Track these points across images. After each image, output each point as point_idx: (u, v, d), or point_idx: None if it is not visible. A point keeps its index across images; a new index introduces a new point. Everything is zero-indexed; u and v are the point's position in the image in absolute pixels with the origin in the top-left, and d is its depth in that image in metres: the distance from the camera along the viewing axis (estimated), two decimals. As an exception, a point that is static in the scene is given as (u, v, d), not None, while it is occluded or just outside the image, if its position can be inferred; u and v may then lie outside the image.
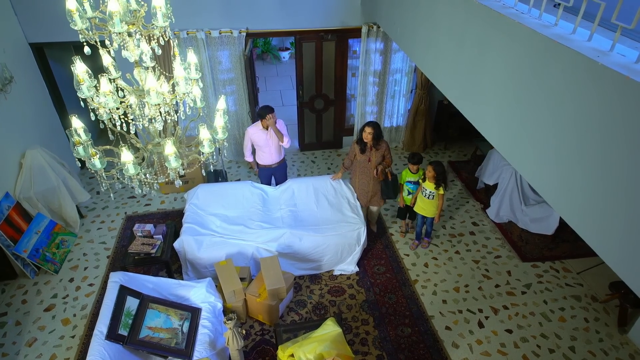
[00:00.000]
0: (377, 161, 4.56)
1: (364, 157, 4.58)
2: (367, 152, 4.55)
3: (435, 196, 4.53)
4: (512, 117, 2.39)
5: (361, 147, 4.54)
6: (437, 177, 4.39)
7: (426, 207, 4.67)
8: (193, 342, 3.45)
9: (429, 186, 4.51)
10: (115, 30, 2.01)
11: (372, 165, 4.58)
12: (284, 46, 10.26)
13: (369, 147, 4.52)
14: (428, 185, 4.52)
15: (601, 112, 1.74)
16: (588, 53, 1.78)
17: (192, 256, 4.31)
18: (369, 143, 4.48)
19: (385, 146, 4.57)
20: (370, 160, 4.57)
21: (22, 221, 4.59)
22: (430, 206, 4.63)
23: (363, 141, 4.50)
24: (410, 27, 3.98)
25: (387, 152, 4.61)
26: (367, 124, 4.46)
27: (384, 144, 4.56)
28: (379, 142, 4.52)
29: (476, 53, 2.71)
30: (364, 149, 4.54)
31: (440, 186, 4.46)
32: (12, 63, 4.81)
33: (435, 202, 4.58)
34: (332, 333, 3.47)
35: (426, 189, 4.55)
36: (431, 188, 4.50)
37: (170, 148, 2.21)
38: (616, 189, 1.73)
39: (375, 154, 4.54)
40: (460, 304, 4.36)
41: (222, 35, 5.42)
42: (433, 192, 4.51)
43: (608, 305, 4.31)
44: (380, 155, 4.56)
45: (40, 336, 4.03)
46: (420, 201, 4.70)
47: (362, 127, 4.47)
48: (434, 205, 4.61)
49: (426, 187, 4.55)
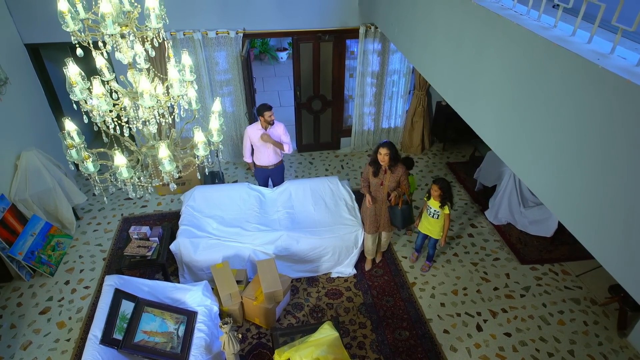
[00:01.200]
0: (390, 186, 4.13)
1: (377, 181, 4.17)
2: (381, 175, 4.13)
3: (441, 215, 4.21)
4: (510, 120, 2.37)
5: (375, 169, 4.13)
6: (442, 195, 4.07)
7: (431, 227, 4.34)
8: (189, 346, 3.42)
9: (433, 204, 4.20)
10: (107, 32, 1.97)
11: (385, 189, 4.16)
12: (281, 46, 10.23)
13: (383, 170, 4.11)
14: (433, 204, 4.20)
15: (601, 116, 1.71)
16: (588, 56, 1.75)
17: (188, 259, 4.27)
18: (384, 165, 4.08)
19: (401, 171, 4.11)
20: (382, 184, 4.15)
21: (17, 223, 4.55)
22: (435, 226, 4.30)
23: (377, 163, 4.10)
24: (407, 28, 3.95)
25: (404, 178, 4.13)
26: (382, 144, 4.03)
27: (400, 168, 4.10)
28: (396, 164, 4.09)
29: (474, 55, 2.68)
30: (377, 172, 4.14)
31: (446, 205, 4.13)
32: (7, 64, 4.77)
33: (441, 222, 4.25)
34: (329, 337, 3.43)
35: (431, 207, 4.23)
36: (436, 207, 4.18)
37: (164, 151, 2.18)
38: (615, 193, 1.70)
39: (389, 177, 4.10)
40: (458, 307, 4.33)
41: (218, 36, 5.38)
42: (438, 212, 4.19)
43: (607, 309, 4.29)
44: (395, 180, 4.11)
45: (35, 339, 4.00)
46: (424, 220, 4.37)
47: (377, 148, 4.06)
48: (439, 225, 4.28)
49: (431, 206, 4.23)
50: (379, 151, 4.02)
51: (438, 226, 4.28)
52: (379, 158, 4.04)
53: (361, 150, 6.83)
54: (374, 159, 4.10)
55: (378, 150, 4.04)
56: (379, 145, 4.06)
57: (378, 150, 4.04)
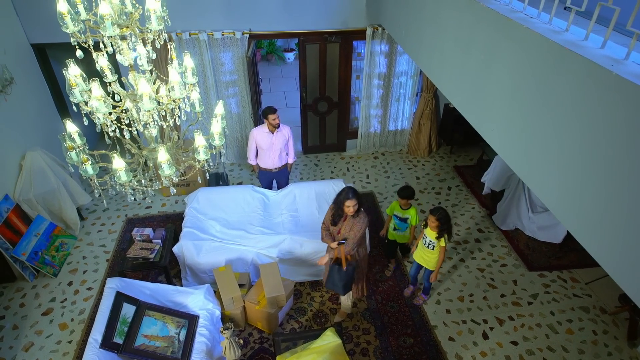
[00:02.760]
0: (344, 235, 3.58)
1: (335, 229, 3.64)
2: (340, 224, 3.61)
3: (436, 247, 3.84)
4: (518, 125, 2.29)
5: (335, 218, 3.60)
6: (440, 227, 3.70)
7: (426, 257, 3.98)
8: (190, 351, 3.38)
9: (430, 234, 3.82)
10: (106, 34, 1.94)
11: (340, 238, 3.62)
12: (289, 47, 10.19)
13: (344, 218, 3.58)
14: (429, 234, 3.83)
15: (614, 124, 1.64)
16: (601, 61, 1.68)
17: (191, 261, 4.24)
18: (347, 214, 3.54)
19: (361, 219, 3.51)
20: (340, 232, 3.61)
21: (21, 223, 4.55)
22: (430, 257, 3.94)
23: (340, 211, 3.54)
24: (415, 29, 3.89)
25: (358, 227, 3.49)
26: (347, 194, 3.44)
27: (362, 216, 3.53)
28: (359, 213, 3.54)
29: (483, 58, 2.61)
30: (337, 221, 3.60)
31: (443, 237, 3.77)
32: (13, 64, 4.77)
33: (436, 253, 3.88)
34: (332, 344, 3.38)
35: (427, 237, 3.87)
36: (432, 237, 3.81)
37: (163, 155, 2.14)
38: (627, 204, 1.63)
39: (347, 225, 3.56)
40: (464, 314, 4.25)
41: (224, 36, 5.35)
42: (434, 242, 3.83)
43: (617, 318, 4.18)
44: (350, 227, 3.54)
45: (37, 341, 3.99)
46: (420, 249, 4.01)
47: (343, 199, 3.46)
48: (435, 257, 3.92)
49: (427, 235, 3.86)
50: (346, 204, 3.44)
51: (434, 257, 3.93)
52: (345, 210, 3.48)
53: (367, 152, 6.77)
54: (339, 208, 3.54)
55: (344, 201, 3.45)
56: (344, 196, 3.46)
57: (344, 201, 3.45)
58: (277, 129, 4.65)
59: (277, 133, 4.67)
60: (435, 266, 3.95)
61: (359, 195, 3.50)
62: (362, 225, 3.51)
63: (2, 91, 4.54)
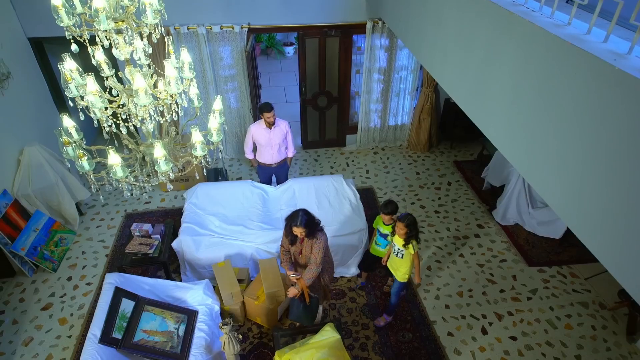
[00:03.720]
0: (307, 256, 3.45)
1: (295, 249, 3.51)
2: (298, 244, 3.47)
3: (405, 254, 3.63)
4: (519, 121, 2.27)
5: (291, 238, 3.44)
6: (408, 233, 3.51)
7: (395, 266, 3.77)
8: (189, 346, 3.38)
9: (397, 242, 3.63)
10: (101, 28, 1.91)
11: (303, 259, 3.50)
12: (288, 41, 10.13)
13: (300, 240, 3.44)
14: (397, 241, 3.64)
15: (616, 119, 1.62)
16: (604, 56, 1.65)
17: (190, 256, 4.23)
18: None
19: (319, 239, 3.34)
20: (302, 253, 3.48)
21: (20, 219, 4.54)
22: (400, 266, 3.70)
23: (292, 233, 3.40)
24: (415, 23, 3.85)
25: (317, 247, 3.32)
26: (296, 220, 3.25)
27: (319, 235, 3.36)
28: (314, 234, 3.36)
29: (484, 53, 2.58)
30: (294, 241, 3.46)
31: (410, 243, 3.55)
32: (9, 58, 4.74)
33: (405, 262, 3.67)
34: (331, 339, 3.38)
35: (395, 244, 3.68)
36: (400, 245, 3.61)
37: (159, 151, 2.11)
38: (628, 201, 1.61)
39: (306, 246, 3.43)
40: (463, 309, 4.25)
41: (223, 30, 5.31)
42: (402, 250, 3.61)
43: (617, 313, 4.18)
44: (309, 247, 3.41)
45: (37, 335, 3.99)
46: (391, 258, 3.83)
47: (291, 224, 3.30)
48: (404, 267, 3.68)
49: (395, 243, 3.68)
50: (294, 230, 3.30)
51: (403, 267, 3.69)
52: (294, 232, 3.34)
53: (367, 147, 6.74)
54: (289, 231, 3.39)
55: (292, 227, 3.31)
56: (293, 221, 3.29)
57: (292, 227, 3.31)
58: (273, 125, 4.61)
59: (275, 128, 4.64)
60: (404, 277, 3.74)
61: (310, 222, 3.29)
62: (321, 244, 3.34)
63: (-1, 85, 4.51)
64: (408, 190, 5.86)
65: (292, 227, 3.29)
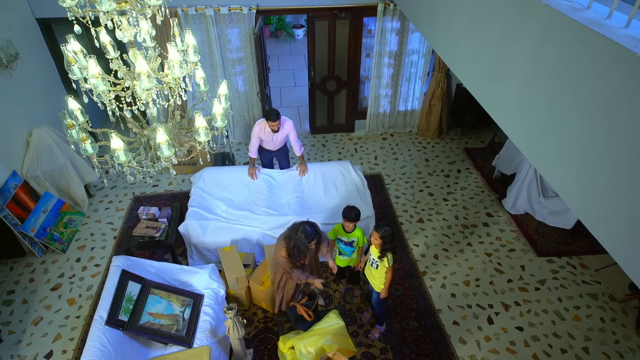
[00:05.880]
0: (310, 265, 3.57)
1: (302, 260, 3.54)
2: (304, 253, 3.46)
3: (380, 266, 3.47)
4: (533, 110, 2.19)
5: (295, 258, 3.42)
6: (383, 244, 3.33)
7: (371, 276, 3.63)
8: (194, 329, 3.41)
9: (373, 252, 3.48)
10: (102, 9, 1.86)
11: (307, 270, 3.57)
12: (298, 23, 9.96)
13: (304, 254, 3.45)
14: (373, 251, 3.49)
15: (637, 111, 1.54)
16: (625, 42, 1.56)
17: (196, 240, 4.25)
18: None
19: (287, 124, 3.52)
20: (304, 263, 3.53)
21: (29, 200, 4.58)
22: (375, 277, 3.57)
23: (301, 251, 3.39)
24: (428, 5, 3.72)
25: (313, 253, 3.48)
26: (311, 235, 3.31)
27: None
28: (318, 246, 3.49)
29: (498, 37, 2.49)
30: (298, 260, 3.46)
31: (385, 256, 3.39)
32: (18, 39, 4.71)
33: (380, 273, 3.51)
34: (335, 326, 3.39)
35: (371, 254, 3.55)
36: (375, 255, 3.46)
37: (162, 136, 2.08)
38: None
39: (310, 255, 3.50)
40: (469, 298, 4.22)
41: (231, 12, 5.21)
42: (377, 261, 3.47)
43: (626, 306, 4.12)
44: (312, 255, 3.57)
45: (46, 315, 4.06)
46: (367, 267, 3.68)
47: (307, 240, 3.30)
48: (380, 277, 3.54)
49: (371, 253, 3.54)
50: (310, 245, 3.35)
51: (378, 278, 3.55)
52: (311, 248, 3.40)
53: (376, 133, 6.65)
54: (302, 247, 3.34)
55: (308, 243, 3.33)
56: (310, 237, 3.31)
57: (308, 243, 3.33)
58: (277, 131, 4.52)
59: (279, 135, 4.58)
60: (380, 287, 3.58)
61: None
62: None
63: (8, 67, 4.50)
64: (417, 177, 5.79)
65: (311, 242, 3.30)
